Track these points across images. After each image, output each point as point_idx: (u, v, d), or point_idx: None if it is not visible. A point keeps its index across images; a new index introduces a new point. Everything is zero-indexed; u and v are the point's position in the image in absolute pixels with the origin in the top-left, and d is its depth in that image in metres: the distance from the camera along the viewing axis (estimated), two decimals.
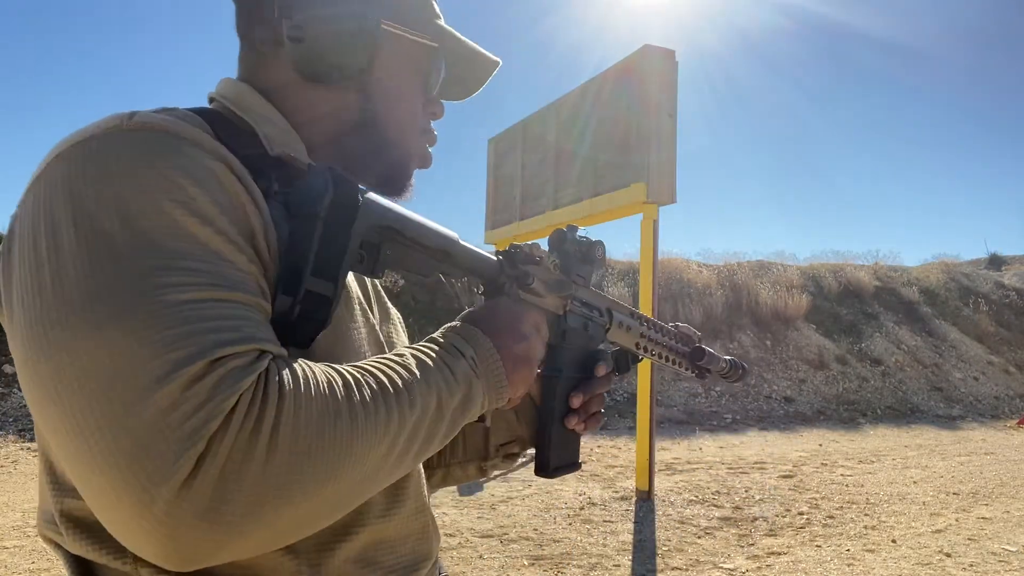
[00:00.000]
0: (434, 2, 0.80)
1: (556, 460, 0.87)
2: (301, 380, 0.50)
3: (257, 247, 0.57)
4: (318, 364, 0.54)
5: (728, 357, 1.09)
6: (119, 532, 0.46)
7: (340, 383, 0.53)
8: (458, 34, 0.81)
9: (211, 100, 0.73)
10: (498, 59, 0.85)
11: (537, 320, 0.76)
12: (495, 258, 0.76)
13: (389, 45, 0.74)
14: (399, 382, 0.57)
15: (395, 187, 0.78)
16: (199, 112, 0.66)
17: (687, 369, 1.03)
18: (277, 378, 0.48)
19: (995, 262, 18.90)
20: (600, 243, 0.85)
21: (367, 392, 0.54)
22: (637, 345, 0.94)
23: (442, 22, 0.80)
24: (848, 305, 12.94)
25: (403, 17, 0.75)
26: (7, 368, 7.81)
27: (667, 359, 0.99)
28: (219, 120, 0.66)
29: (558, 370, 0.85)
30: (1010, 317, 14.17)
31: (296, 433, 0.47)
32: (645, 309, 5.16)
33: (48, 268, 0.49)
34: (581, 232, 0.85)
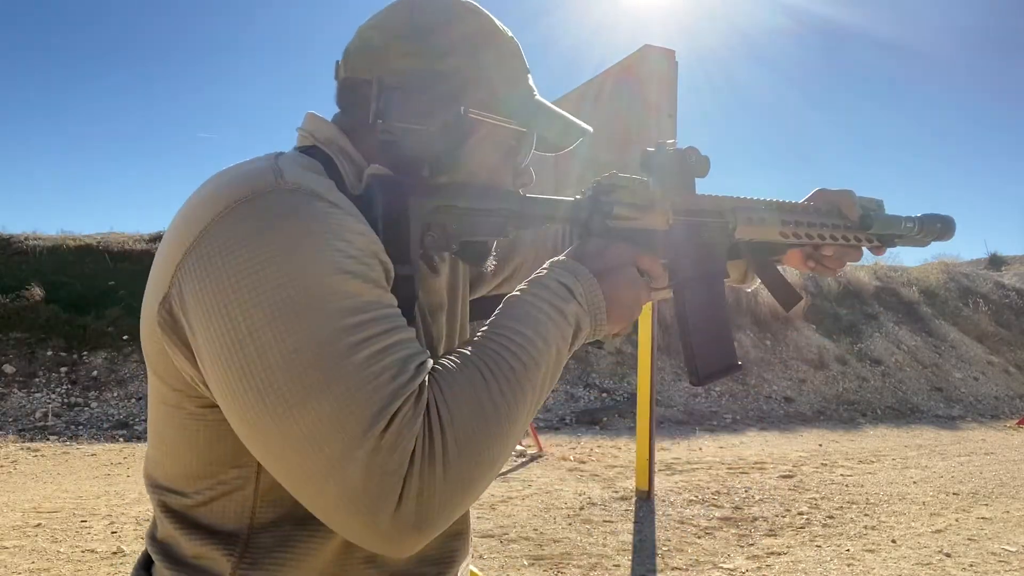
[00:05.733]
0: (529, 77, 0.81)
1: (704, 368, 0.87)
2: (450, 401, 0.60)
3: (388, 279, 0.65)
4: (452, 358, 0.63)
5: (912, 216, 0.99)
6: (355, 538, 0.59)
7: (480, 379, 0.61)
8: (551, 106, 0.82)
9: (303, 135, 0.76)
10: (588, 128, 0.86)
11: (636, 256, 0.78)
12: (571, 198, 0.81)
13: (477, 131, 0.75)
14: (523, 356, 0.64)
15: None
16: (312, 156, 0.71)
17: (860, 243, 0.97)
18: (436, 411, 0.59)
19: (995, 262, 18.88)
20: (693, 149, 0.84)
21: (503, 379, 0.62)
22: (783, 235, 0.91)
23: (536, 97, 0.81)
24: (848, 305, 12.94)
25: (493, 104, 0.76)
26: (7, 368, 7.81)
27: (826, 238, 0.95)
28: (330, 165, 0.71)
29: (679, 282, 0.85)
30: (1010, 317, 14.18)
31: (461, 453, 0.58)
32: (644, 310, 5.15)
33: (252, 345, 0.57)
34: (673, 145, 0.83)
